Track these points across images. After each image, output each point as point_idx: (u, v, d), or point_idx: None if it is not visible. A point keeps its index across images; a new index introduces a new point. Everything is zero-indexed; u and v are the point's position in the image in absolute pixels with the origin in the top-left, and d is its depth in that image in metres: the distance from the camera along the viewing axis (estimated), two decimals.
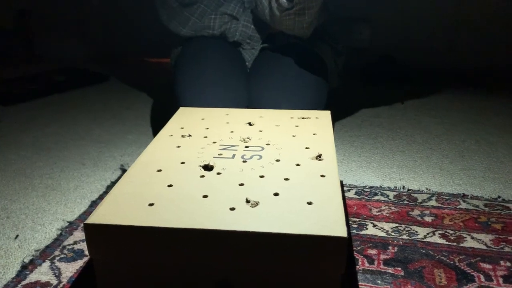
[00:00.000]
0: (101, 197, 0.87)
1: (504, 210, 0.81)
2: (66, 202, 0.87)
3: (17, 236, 0.76)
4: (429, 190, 0.89)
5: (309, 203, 0.54)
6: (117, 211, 0.53)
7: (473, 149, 1.09)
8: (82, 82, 1.74)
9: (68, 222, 0.79)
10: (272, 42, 1.18)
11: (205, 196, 0.56)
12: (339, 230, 0.49)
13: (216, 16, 1.16)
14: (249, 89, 1.08)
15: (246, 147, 0.70)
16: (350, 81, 1.60)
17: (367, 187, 0.90)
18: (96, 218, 0.51)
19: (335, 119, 1.11)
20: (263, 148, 0.70)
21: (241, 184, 0.59)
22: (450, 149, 1.09)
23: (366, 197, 0.86)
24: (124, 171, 0.98)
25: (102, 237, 0.51)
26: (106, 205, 0.54)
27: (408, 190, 0.89)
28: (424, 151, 1.09)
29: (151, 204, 0.54)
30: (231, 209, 0.53)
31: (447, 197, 0.86)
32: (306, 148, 0.70)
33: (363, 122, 1.28)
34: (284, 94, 1.04)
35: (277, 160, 0.66)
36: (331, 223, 0.50)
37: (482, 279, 0.64)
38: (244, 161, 0.65)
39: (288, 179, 0.60)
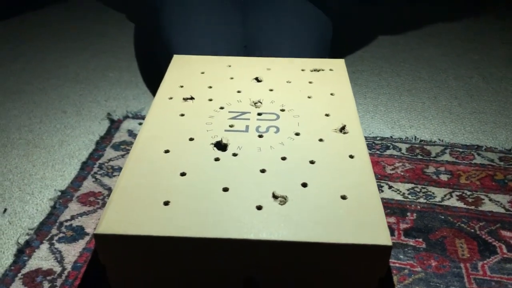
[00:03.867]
0: (91, 157, 0.80)
1: None
2: (53, 163, 0.79)
3: (5, 210, 0.69)
4: (442, 141, 0.85)
5: (343, 197, 0.49)
6: (129, 215, 0.46)
7: (482, 87, 1.04)
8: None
9: (60, 191, 0.72)
10: None
11: (225, 190, 0.50)
12: (382, 237, 0.44)
13: None
14: (246, 24, 0.96)
15: (259, 114, 0.63)
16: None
17: (378, 138, 0.85)
18: (107, 227, 0.45)
19: (334, 48, 1.02)
20: (278, 116, 0.62)
21: (263, 171, 0.52)
22: (458, 87, 1.04)
23: (378, 152, 0.81)
24: (112, 121, 0.89)
25: (116, 247, 0.46)
26: (116, 206, 0.47)
27: (421, 141, 0.84)
28: (431, 90, 1.03)
29: (166, 203, 0.48)
30: (257, 208, 0.47)
31: (461, 150, 0.82)
32: (326, 115, 0.63)
33: (365, 54, 1.19)
34: (285, 31, 0.93)
35: (297, 134, 0.59)
36: (373, 227, 0.45)
37: (504, 249, 0.63)
38: (260, 136, 0.58)
39: (314, 162, 0.54)
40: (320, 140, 0.58)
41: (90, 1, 1.54)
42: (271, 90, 0.68)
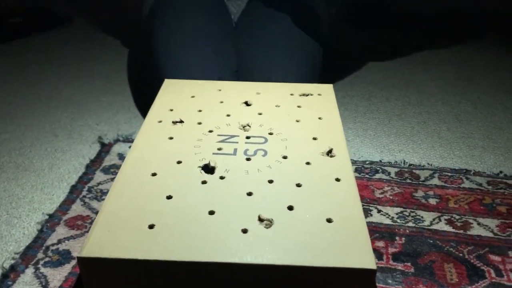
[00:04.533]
0: (81, 180, 0.80)
1: (508, 189, 0.79)
2: (42, 186, 0.79)
3: None
4: (431, 165, 0.85)
5: (329, 221, 0.49)
6: (114, 238, 0.46)
7: (470, 112, 1.05)
8: (42, 24, 1.56)
9: (47, 215, 0.71)
10: None
11: (211, 213, 0.50)
12: (367, 260, 0.44)
13: None
14: (238, 48, 0.98)
15: (247, 137, 0.63)
16: (336, 25, 1.50)
17: (367, 162, 0.86)
18: (90, 250, 0.45)
19: (324, 73, 1.03)
20: (266, 140, 0.63)
21: (250, 194, 0.53)
22: (447, 112, 1.05)
23: (368, 176, 0.82)
24: (103, 144, 0.90)
25: (99, 270, 0.45)
26: (100, 230, 0.47)
27: (410, 165, 0.85)
28: (420, 114, 1.04)
29: (151, 227, 0.48)
30: (243, 231, 0.47)
31: (449, 174, 0.83)
32: (314, 139, 0.63)
33: (355, 78, 1.21)
34: (277, 58, 0.95)
35: (284, 157, 0.59)
36: (357, 251, 0.45)
37: (493, 274, 0.63)
38: (248, 159, 0.59)
39: (300, 185, 0.54)
40: (307, 163, 0.58)
41: (88, 27, 1.57)
42: (260, 113, 0.69)
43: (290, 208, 0.51)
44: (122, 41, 1.44)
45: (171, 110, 0.70)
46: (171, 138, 0.63)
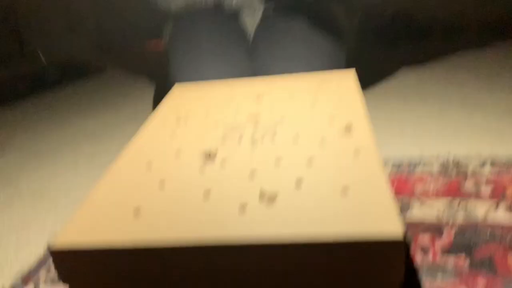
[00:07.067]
0: None
1: None
2: (56, 209, 0.75)
3: None
4: (480, 155, 0.74)
5: (344, 193, 0.40)
6: (92, 227, 0.40)
7: None
8: (77, 75, 1.61)
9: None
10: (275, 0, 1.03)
11: (206, 194, 0.43)
12: (392, 229, 0.35)
13: None
14: (254, 61, 0.93)
15: (256, 126, 0.57)
16: (362, 43, 1.45)
17: (405, 158, 0.76)
18: (63, 240, 0.38)
19: None
20: (276, 125, 0.56)
21: (252, 172, 0.45)
22: (494, 105, 0.94)
23: (406, 171, 0.72)
24: None
25: (75, 264, 0.39)
26: (78, 218, 0.41)
27: (455, 157, 0.74)
28: (464, 110, 0.93)
29: (136, 213, 0.41)
30: (240, 209, 0.40)
31: (504, 161, 0.71)
32: (331, 118, 0.56)
33: (387, 85, 1.12)
34: (295, 64, 0.89)
35: (296, 137, 0.52)
36: (379, 220, 0.36)
37: None
38: (254, 142, 0.52)
39: (312, 161, 0.46)
40: (322, 141, 0.50)
41: (124, 72, 1.60)
42: (271, 104, 0.63)
43: (299, 183, 0.43)
44: (148, 82, 1.45)
45: (178, 108, 0.65)
46: (173, 132, 0.58)
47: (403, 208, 0.63)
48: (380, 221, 0.36)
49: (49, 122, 1.19)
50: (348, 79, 0.68)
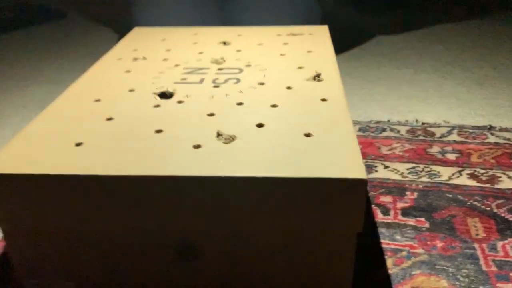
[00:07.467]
0: None
1: None
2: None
3: None
4: (448, 122, 0.73)
5: (307, 135, 0.37)
6: (30, 154, 0.36)
7: (493, 76, 0.93)
8: (34, 19, 1.51)
9: None
10: None
11: (158, 131, 0.39)
12: (354, 169, 0.32)
13: None
14: (222, 10, 0.88)
15: (220, 69, 0.53)
16: (341, 7, 1.41)
17: (372, 122, 0.74)
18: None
19: None
20: (241, 70, 0.52)
21: (211, 115, 0.42)
22: (466, 77, 0.93)
23: (373, 134, 0.70)
24: None
25: (7, 193, 0.35)
26: (15, 145, 0.37)
27: (423, 123, 0.73)
28: (435, 79, 0.92)
29: (78, 144, 0.37)
30: (195, 147, 0.36)
31: (470, 130, 0.70)
32: (300, 68, 0.52)
33: (362, 51, 1.10)
34: (267, 15, 0.85)
35: (261, 84, 0.48)
36: (341, 160, 0.34)
37: None
38: (216, 86, 0.48)
39: (277, 106, 0.43)
40: (288, 87, 0.47)
41: (86, 20, 1.51)
42: (238, 50, 0.59)
43: (260, 125, 0.39)
44: (112, 30, 1.37)
45: (135, 50, 0.60)
46: (128, 71, 0.53)
47: (367, 171, 0.61)
48: (343, 161, 0.33)
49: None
50: (320, 34, 0.65)
